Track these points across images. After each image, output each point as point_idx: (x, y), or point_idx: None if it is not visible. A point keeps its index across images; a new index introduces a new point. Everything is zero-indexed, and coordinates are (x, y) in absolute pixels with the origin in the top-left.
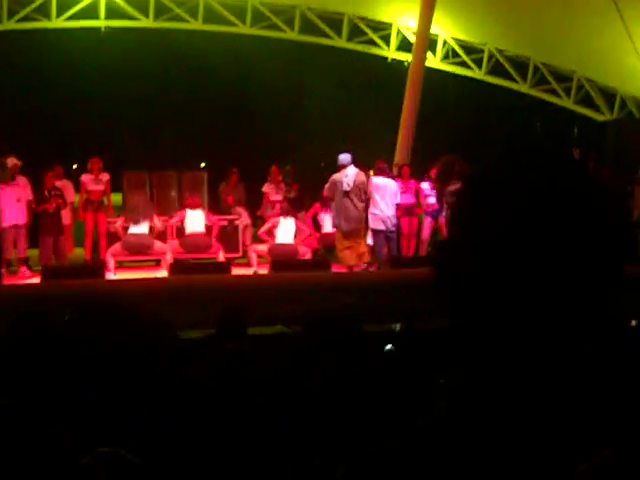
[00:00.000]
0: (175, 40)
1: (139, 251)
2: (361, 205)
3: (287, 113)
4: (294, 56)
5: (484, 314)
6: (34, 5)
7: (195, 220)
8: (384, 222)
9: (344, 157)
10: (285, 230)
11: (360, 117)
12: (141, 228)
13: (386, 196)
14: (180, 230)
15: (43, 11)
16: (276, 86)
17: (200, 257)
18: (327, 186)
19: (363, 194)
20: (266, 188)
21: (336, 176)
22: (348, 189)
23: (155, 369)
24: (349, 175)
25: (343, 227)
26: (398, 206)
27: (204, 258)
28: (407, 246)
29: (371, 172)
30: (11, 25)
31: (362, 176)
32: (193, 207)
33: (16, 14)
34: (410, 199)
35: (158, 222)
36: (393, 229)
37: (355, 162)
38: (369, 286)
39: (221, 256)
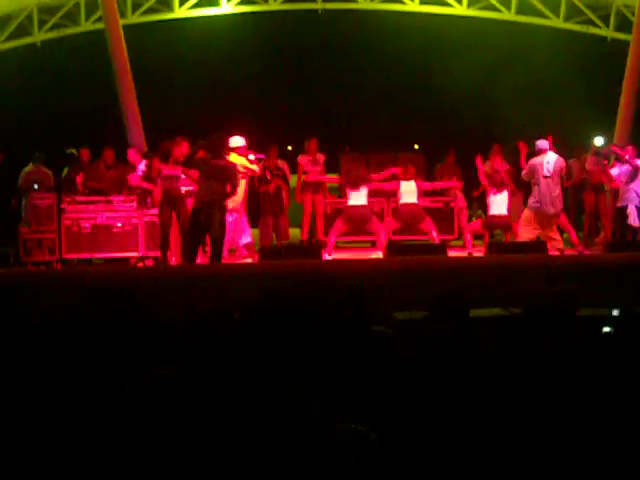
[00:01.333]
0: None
1: (358, 223)
2: (558, 191)
3: (500, 95)
4: (503, 36)
5: None
6: None
7: (408, 191)
8: None
9: (542, 142)
10: (499, 202)
11: (576, 99)
12: (360, 196)
13: None
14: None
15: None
16: (488, 68)
17: (413, 238)
18: (525, 170)
19: (561, 179)
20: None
21: (536, 160)
22: (548, 174)
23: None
24: (550, 161)
25: (547, 210)
26: None
27: (417, 239)
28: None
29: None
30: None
31: (562, 162)
32: (407, 178)
33: (139, 7)
34: None
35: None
36: None
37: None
38: (588, 270)
39: (434, 235)
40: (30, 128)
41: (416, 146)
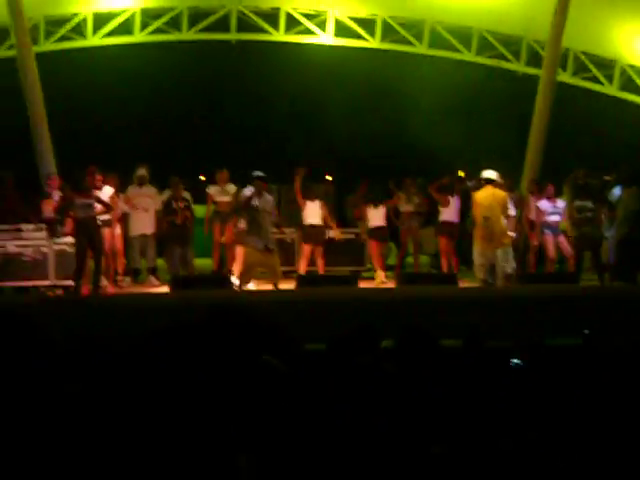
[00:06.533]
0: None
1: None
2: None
3: (419, 131)
4: (421, 70)
5: None
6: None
7: (313, 211)
8: None
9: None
10: None
11: (487, 132)
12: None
13: None
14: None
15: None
16: (409, 102)
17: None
18: None
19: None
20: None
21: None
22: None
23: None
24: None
25: None
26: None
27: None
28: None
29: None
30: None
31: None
32: (311, 199)
33: (52, 35)
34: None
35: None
36: None
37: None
38: (496, 302)
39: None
40: None
41: (329, 177)
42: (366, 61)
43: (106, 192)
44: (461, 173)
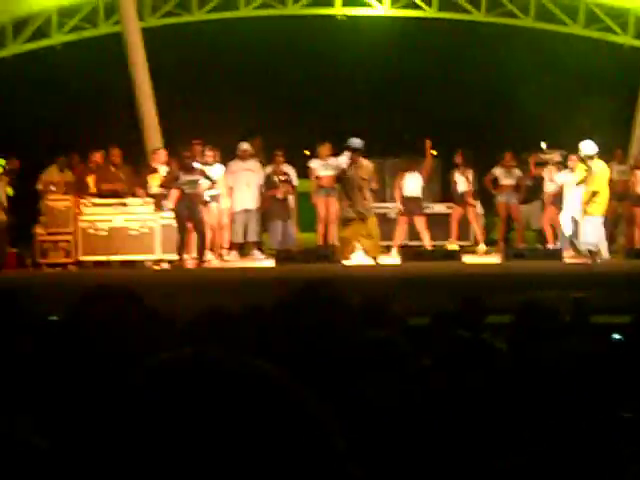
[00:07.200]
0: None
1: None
2: None
3: (514, 102)
4: (524, 42)
5: None
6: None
7: (411, 183)
8: None
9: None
10: None
11: (593, 106)
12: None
13: None
14: None
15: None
16: (505, 75)
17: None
18: None
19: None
20: (496, 172)
21: None
22: None
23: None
24: None
25: None
26: None
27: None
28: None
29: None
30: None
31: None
32: (410, 170)
33: (158, 10)
34: None
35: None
36: None
37: None
38: (601, 278)
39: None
40: (47, 131)
41: (434, 152)
42: (465, 34)
43: (218, 168)
44: (543, 144)
